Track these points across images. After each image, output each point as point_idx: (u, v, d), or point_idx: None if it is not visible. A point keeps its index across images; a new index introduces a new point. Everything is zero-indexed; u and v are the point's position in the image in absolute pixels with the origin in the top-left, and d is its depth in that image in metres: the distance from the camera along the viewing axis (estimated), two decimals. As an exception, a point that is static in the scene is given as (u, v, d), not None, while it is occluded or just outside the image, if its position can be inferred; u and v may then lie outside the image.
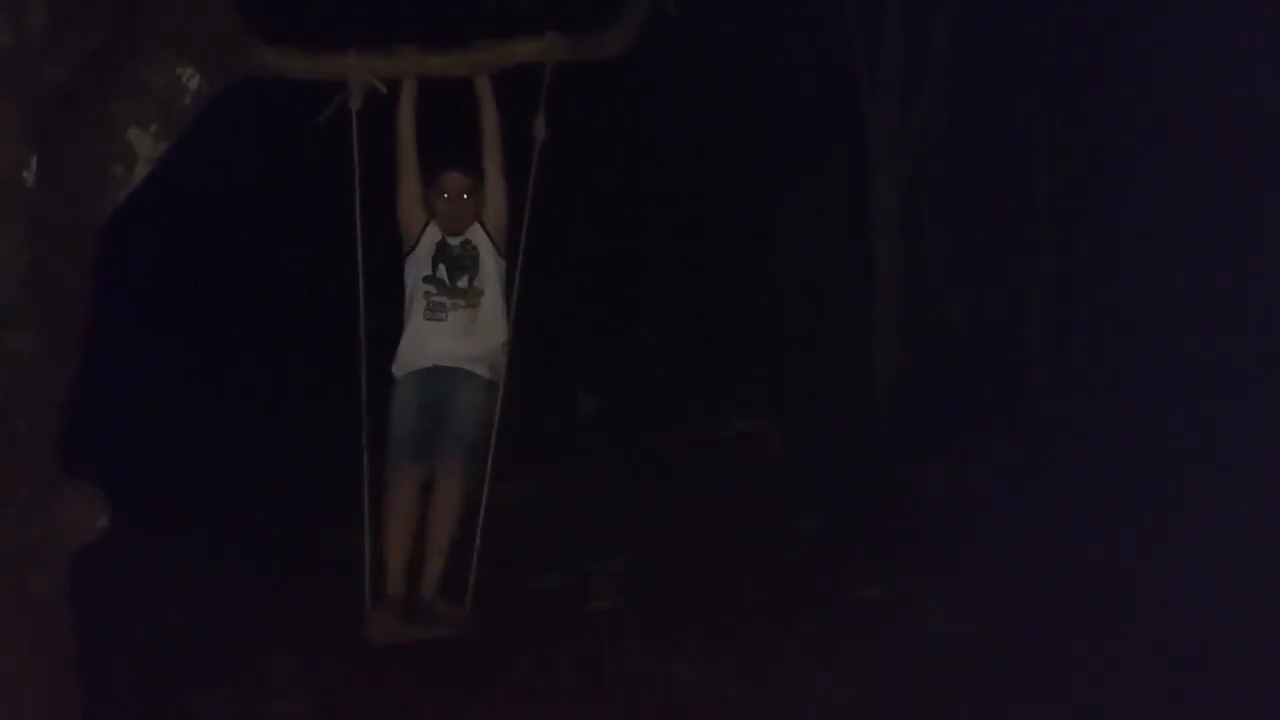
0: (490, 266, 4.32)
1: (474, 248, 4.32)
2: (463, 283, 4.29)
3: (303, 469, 6.62)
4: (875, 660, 4.18)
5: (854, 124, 8.18)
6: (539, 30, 3.80)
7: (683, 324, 9.44)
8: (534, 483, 6.84)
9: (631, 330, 9.41)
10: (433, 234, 4.34)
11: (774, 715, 3.79)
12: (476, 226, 4.35)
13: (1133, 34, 8.07)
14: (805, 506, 6.30)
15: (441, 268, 4.30)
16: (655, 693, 4.02)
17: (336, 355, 4.51)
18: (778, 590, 5.05)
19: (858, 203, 8.36)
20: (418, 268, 4.32)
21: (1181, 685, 3.91)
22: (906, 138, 7.99)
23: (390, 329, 4.37)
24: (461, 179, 4.30)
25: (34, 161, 2.79)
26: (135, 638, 4.52)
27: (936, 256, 8.67)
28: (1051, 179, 9.06)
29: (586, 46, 3.96)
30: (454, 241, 4.32)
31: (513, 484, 6.67)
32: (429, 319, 4.25)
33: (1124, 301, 8.44)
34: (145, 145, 3.25)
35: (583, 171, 8.26)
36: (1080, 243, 8.97)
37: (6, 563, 2.53)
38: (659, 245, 9.72)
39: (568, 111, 4.21)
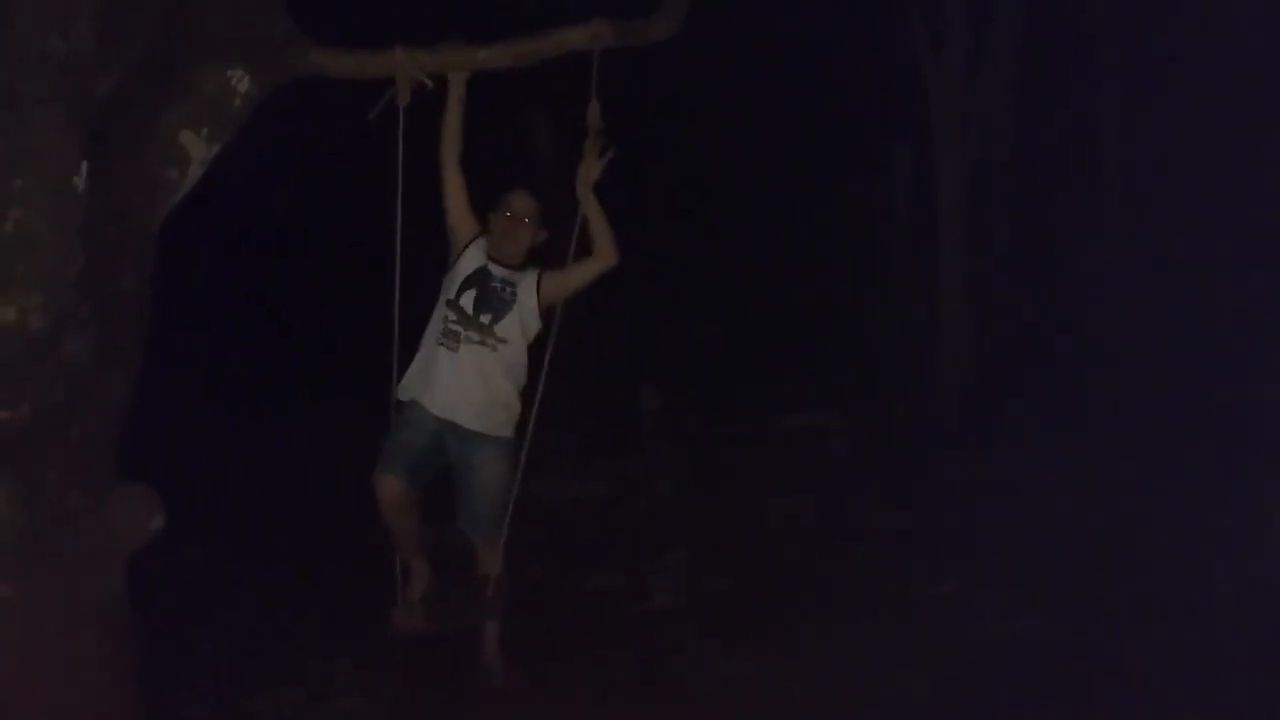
0: (519, 322, 3.97)
1: (514, 294, 3.97)
2: (485, 318, 3.92)
3: (360, 468, 6.65)
4: (944, 659, 4.07)
5: (917, 109, 8.00)
6: (584, 19, 3.73)
7: (744, 318, 9.35)
8: (595, 480, 6.82)
9: (693, 325, 9.34)
10: (476, 255, 4.01)
11: (832, 709, 3.70)
12: (531, 277, 4.01)
13: (1206, 10, 7.79)
14: (870, 500, 6.19)
15: (470, 295, 3.94)
16: (713, 693, 3.96)
17: (400, 348, 4.48)
18: (843, 587, 4.95)
19: (921, 190, 8.19)
20: (449, 286, 4.00)
21: (1257, 680, 3.75)
22: (971, 122, 7.80)
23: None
24: (528, 200, 4.04)
25: (85, 167, 2.81)
26: (198, 641, 4.57)
27: (1002, 244, 8.47)
28: (1121, 164, 8.80)
29: (634, 32, 3.88)
30: (498, 273, 3.98)
31: (574, 482, 6.68)
32: (441, 345, 3.91)
33: (1197, 289, 8.15)
34: (198, 147, 3.27)
35: (638, 165, 8.21)
36: (1153, 229, 8.69)
37: (62, 565, 2.55)
38: (719, 238, 9.63)
39: (619, 104, 4.12)
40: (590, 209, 3.94)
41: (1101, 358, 7.81)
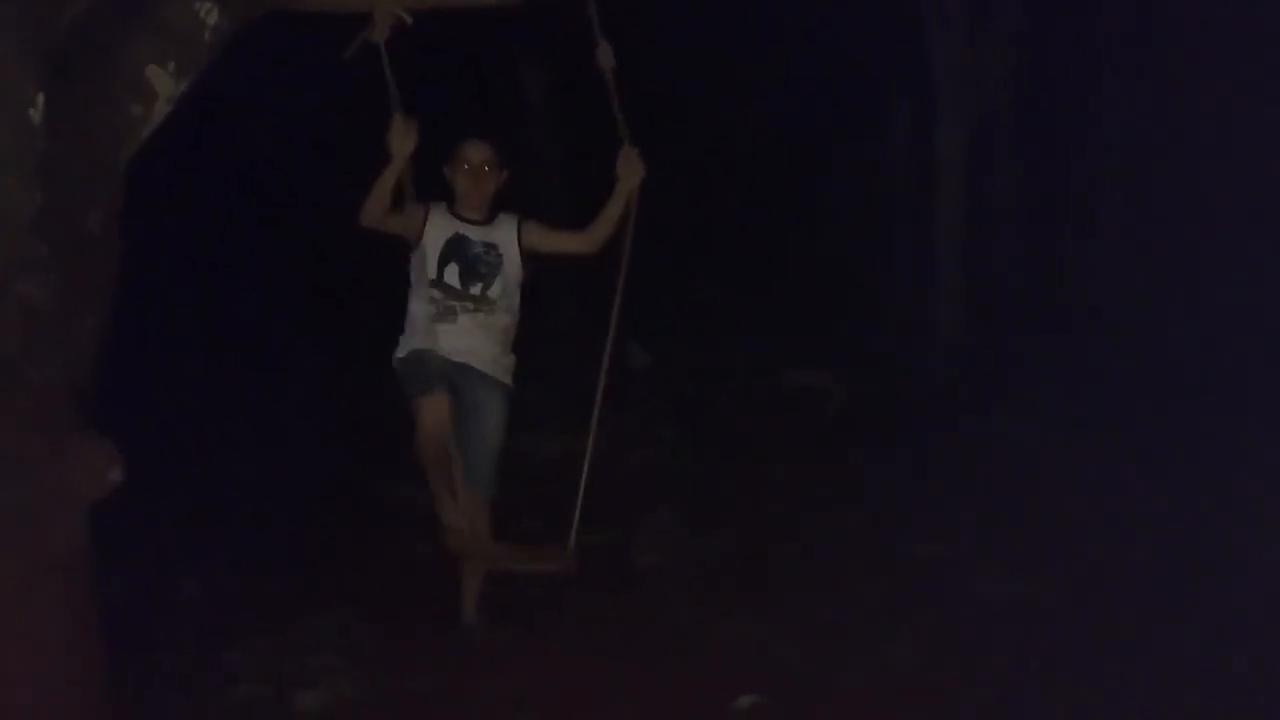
0: (509, 279, 3.85)
1: (499, 254, 3.82)
2: (475, 289, 3.79)
3: (346, 420, 6.56)
4: (936, 622, 3.99)
5: (918, 65, 7.82)
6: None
7: (738, 274, 9.21)
8: (583, 437, 6.71)
9: (686, 281, 9.20)
10: (442, 223, 3.79)
11: (828, 680, 3.61)
12: (510, 229, 3.86)
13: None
14: (864, 461, 6.09)
15: (452, 270, 3.78)
16: (703, 654, 3.88)
17: (380, 302, 4.36)
18: (835, 548, 4.87)
19: (921, 148, 8.02)
20: (423, 265, 3.77)
21: (1253, 651, 3.67)
22: (974, 79, 7.61)
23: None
24: (484, 147, 3.85)
25: (41, 99, 2.66)
26: (176, 596, 4.49)
27: (1002, 203, 8.32)
28: (1124, 120, 8.62)
29: None
30: (475, 237, 3.81)
31: (562, 438, 6.56)
32: (438, 322, 3.75)
33: (1202, 249, 8.02)
34: (164, 83, 3.11)
35: (633, 120, 8.03)
36: (1157, 188, 8.54)
37: (19, 516, 2.44)
38: (713, 193, 9.47)
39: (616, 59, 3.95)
40: (620, 201, 3.81)
41: (1101, 319, 7.70)
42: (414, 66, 3.71)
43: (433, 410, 3.72)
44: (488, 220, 3.89)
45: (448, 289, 3.76)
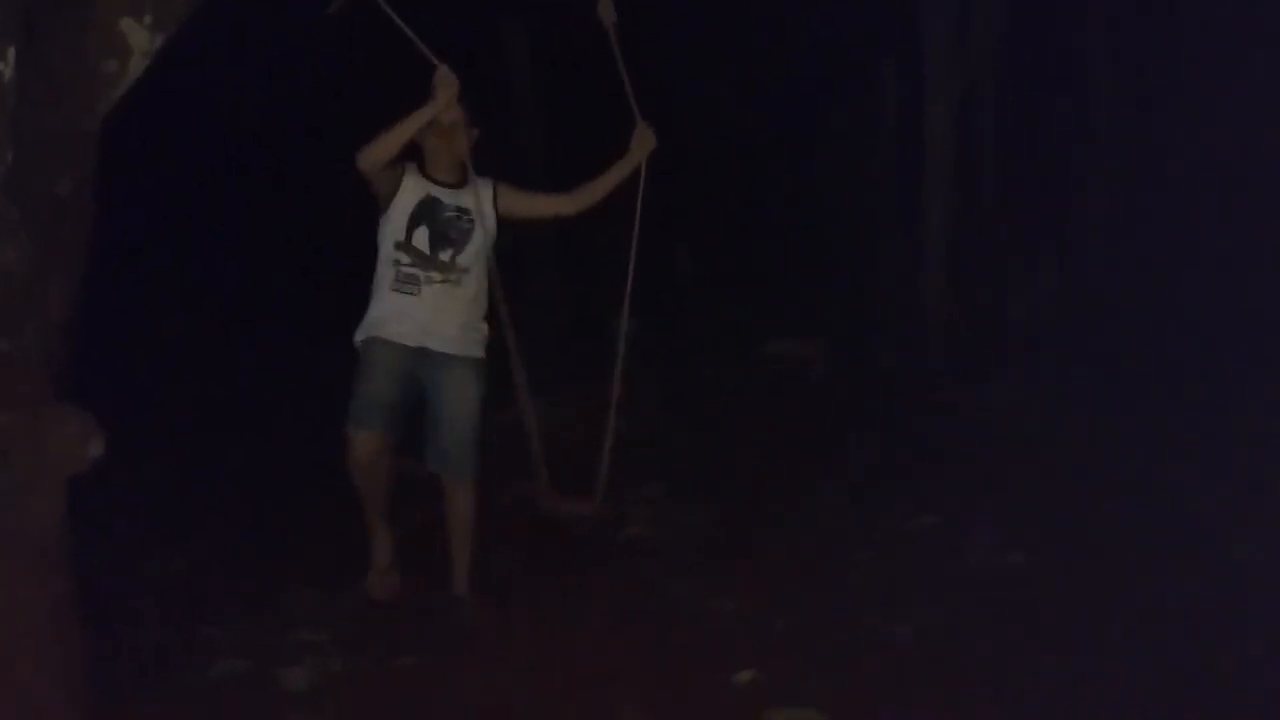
0: (482, 247, 3.72)
1: (472, 219, 3.69)
2: (445, 255, 3.66)
3: (328, 390, 6.43)
4: (930, 594, 3.94)
5: (906, 38, 7.71)
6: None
7: (721, 243, 9.11)
8: (566, 407, 6.63)
9: (667, 249, 9.10)
10: (414, 186, 3.66)
11: (819, 651, 3.56)
12: (486, 193, 3.74)
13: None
14: (850, 430, 6.04)
15: (422, 233, 3.63)
16: (694, 627, 3.82)
17: (365, 273, 4.24)
18: (823, 518, 4.82)
19: (908, 119, 7.93)
20: (391, 229, 3.66)
21: (1251, 620, 3.65)
22: (962, 52, 7.51)
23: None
24: (455, 106, 3.65)
25: (11, 53, 2.53)
26: (154, 571, 4.38)
27: (989, 173, 8.25)
28: (1111, 98, 8.57)
29: None
30: (449, 201, 3.68)
31: (547, 410, 6.46)
32: (398, 291, 3.64)
33: (1187, 223, 8.01)
34: (140, 37, 2.99)
35: (616, 85, 7.90)
36: (1143, 165, 8.51)
37: (-7, 492, 2.34)
38: (696, 161, 9.34)
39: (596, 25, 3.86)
40: (621, 171, 3.79)
41: (1091, 290, 7.67)
42: (391, 25, 3.59)
43: (359, 447, 3.67)
44: (460, 183, 3.74)
45: (416, 254, 3.62)
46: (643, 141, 3.75)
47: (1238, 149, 7.70)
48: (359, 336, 3.75)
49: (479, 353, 3.83)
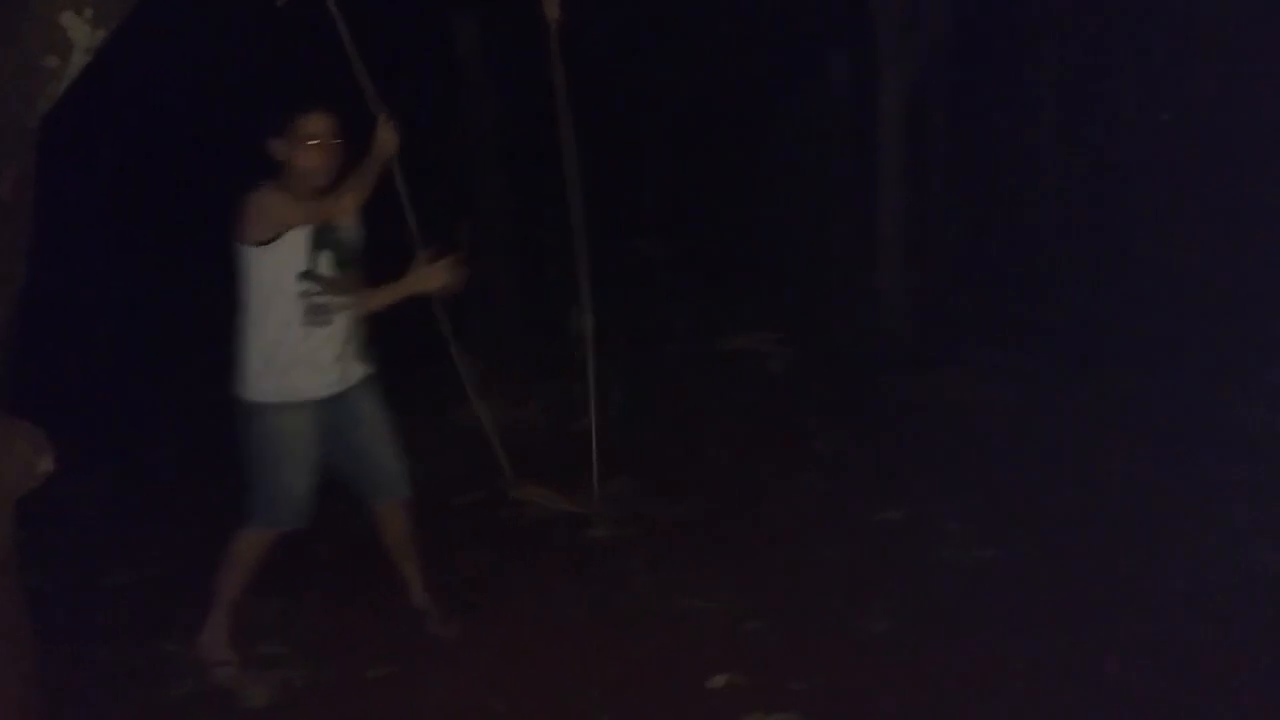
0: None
1: (350, 228, 3.46)
2: (348, 274, 3.43)
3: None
4: (903, 589, 3.91)
5: (858, 22, 7.70)
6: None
7: (677, 236, 9.06)
8: (527, 406, 6.54)
9: (624, 244, 9.02)
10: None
11: (794, 651, 3.51)
12: (347, 198, 3.42)
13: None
14: (812, 424, 6.00)
15: (327, 257, 3.35)
16: (667, 627, 3.76)
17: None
18: (790, 514, 4.77)
19: (861, 107, 7.92)
20: (287, 261, 3.29)
21: (1217, 606, 3.67)
22: (913, 36, 7.51)
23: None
24: (331, 119, 3.35)
25: (-53, 48, 2.39)
26: (112, 586, 4.24)
27: (940, 162, 8.27)
28: (1057, 80, 8.62)
29: None
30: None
31: (507, 408, 6.37)
32: (310, 325, 3.33)
33: (1136, 205, 8.08)
34: (81, 31, 2.85)
35: (573, 78, 7.80)
36: (1090, 146, 8.57)
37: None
38: (652, 154, 9.30)
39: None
40: (369, 174, 3.41)
41: (1054, 274, 7.71)
42: (343, 16, 3.47)
43: (258, 545, 3.48)
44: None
45: (324, 280, 3.35)
46: (384, 141, 3.44)
47: (1189, 130, 7.78)
48: (264, 396, 3.34)
49: (370, 362, 3.62)
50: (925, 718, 3.15)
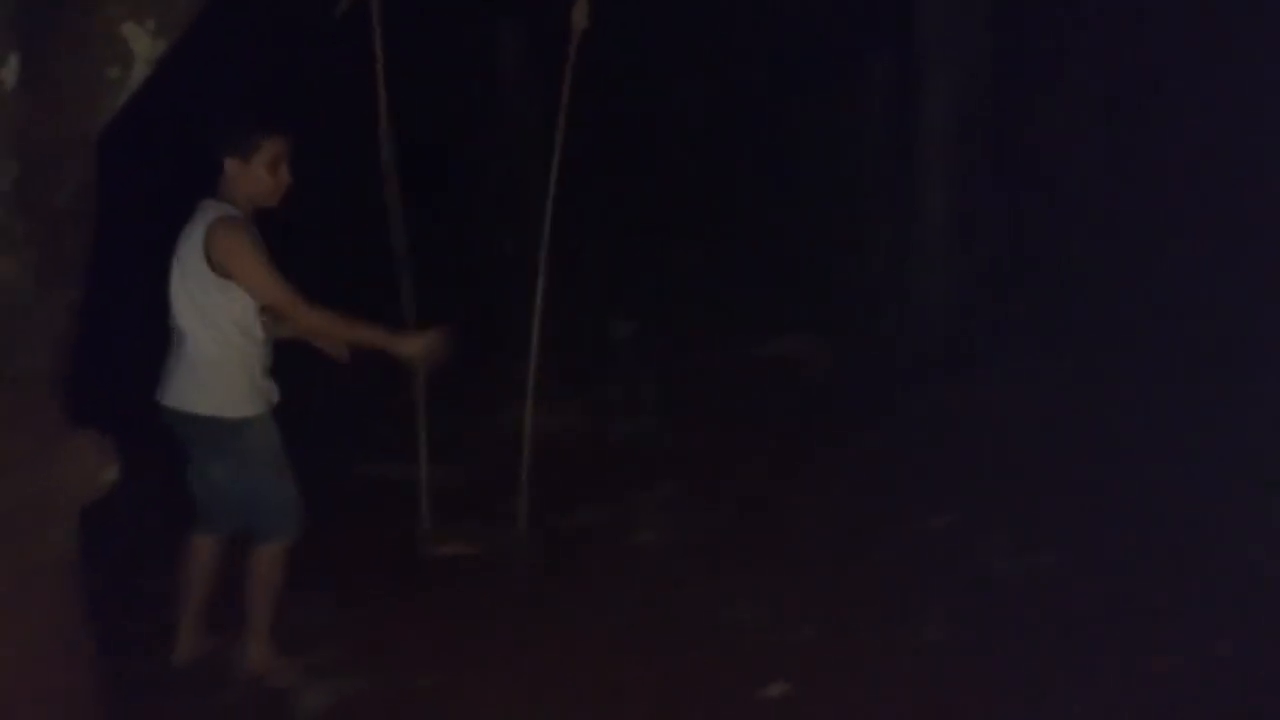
0: None
1: None
2: None
3: (331, 402, 6.30)
4: (957, 599, 3.87)
5: (901, 21, 7.63)
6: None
7: (715, 242, 9.02)
8: (567, 413, 6.53)
9: (664, 251, 9.01)
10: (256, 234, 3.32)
11: (848, 660, 3.48)
12: None
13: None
14: (853, 430, 5.96)
15: None
16: (714, 636, 3.74)
17: (359, 272, 4.13)
18: (835, 521, 4.74)
19: (903, 104, 7.84)
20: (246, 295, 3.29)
21: (1273, 610, 3.61)
22: (958, 35, 7.42)
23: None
24: (290, 141, 3.35)
25: (14, 60, 2.41)
26: (157, 590, 4.25)
27: (983, 164, 8.17)
28: (1104, 80, 8.51)
29: None
30: None
31: (547, 415, 6.36)
32: (266, 342, 3.36)
33: (1185, 209, 7.97)
34: (143, 43, 2.86)
35: (609, 83, 7.81)
36: (1136, 148, 8.45)
37: (5, 522, 2.21)
38: (689, 159, 9.25)
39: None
40: (345, 331, 3.42)
41: (1091, 277, 7.61)
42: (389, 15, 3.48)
43: (285, 558, 3.50)
44: None
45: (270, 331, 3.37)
46: (416, 347, 3.44)
47: (1235, 132, 7.66)
48: (250, 409, 3.35)
49: None
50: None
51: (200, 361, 3.30)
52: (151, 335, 3.57)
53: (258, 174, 3.29)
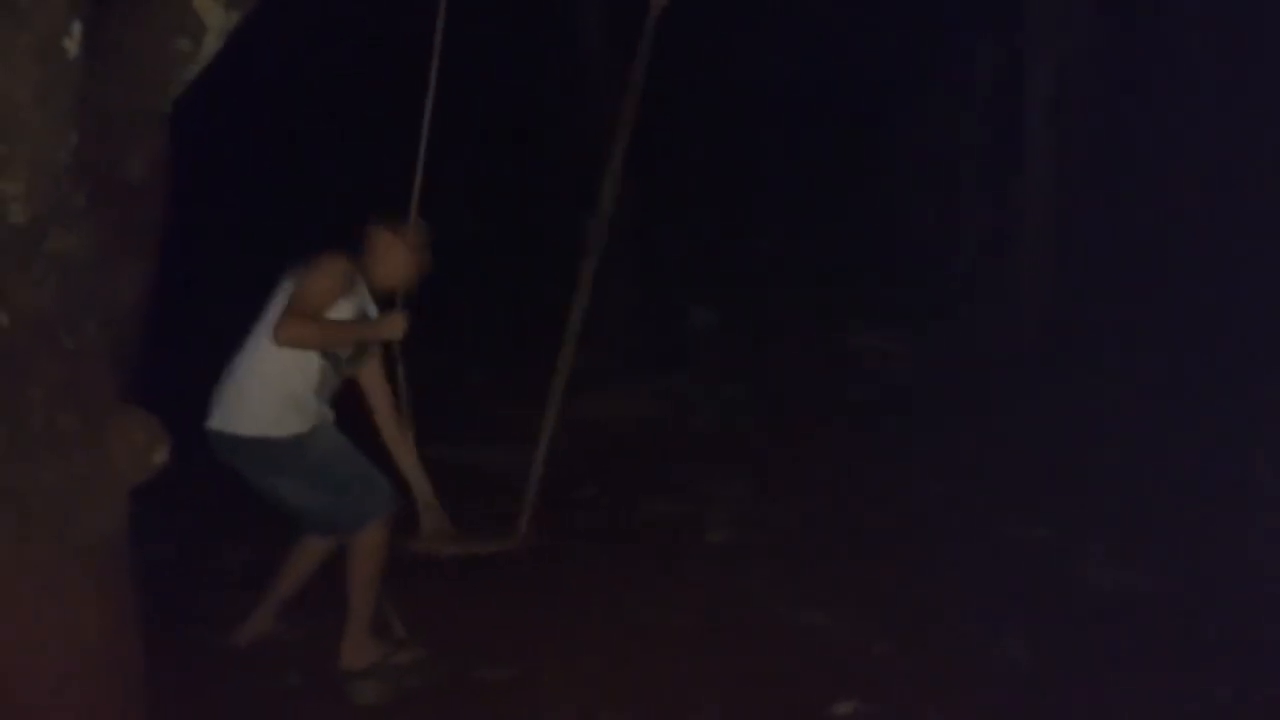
0: None
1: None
2: (348, 369, 3.45)
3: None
4: (1041, 616, 3.65)
5: (1008, 11, 7.31)
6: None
7: (801, 230, 8.80)
8: (643, 402, 6.40)
9: (747, 239, 8.82)
10: (360, 298, 3.39)
11: (927, 679, 3.29)
12: None
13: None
14: (941, 428, 5.73)
15: (349, 349, 3.40)
16: (785, 644, 3.58)
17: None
18: (919, 525, 4.53)
19: (1006, 91, 7.52)
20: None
21: None
22: (1065, 13, 7.08)
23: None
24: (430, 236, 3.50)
25: (78, 28, 2.35)
26: (227, 567, 4.26)
27: (1085, 155, 7.82)
28: (1213, 74, 8.06)
29: None
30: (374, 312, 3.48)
31: (621, 404, 6.26)
32: (317, 395, 3.39)
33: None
34: (215, 15, 2.81)
35: (693, 69, 7.63)
36: (1245, 144, 7.99)
37: (52, 500, 2.16)
38: (778, 141, 9.03)
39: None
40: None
41: (1193, 275, 7.18)
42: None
43: (385, 542, 3.46)
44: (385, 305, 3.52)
45: (335, 362, 3.39)
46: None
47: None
48: (295, 428, 3.35)
49: None
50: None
51: (252, 383, 3.32)
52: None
53: (396, 254, 3.40)
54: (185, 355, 3.83)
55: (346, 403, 3.55)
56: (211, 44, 2.89)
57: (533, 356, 6.80)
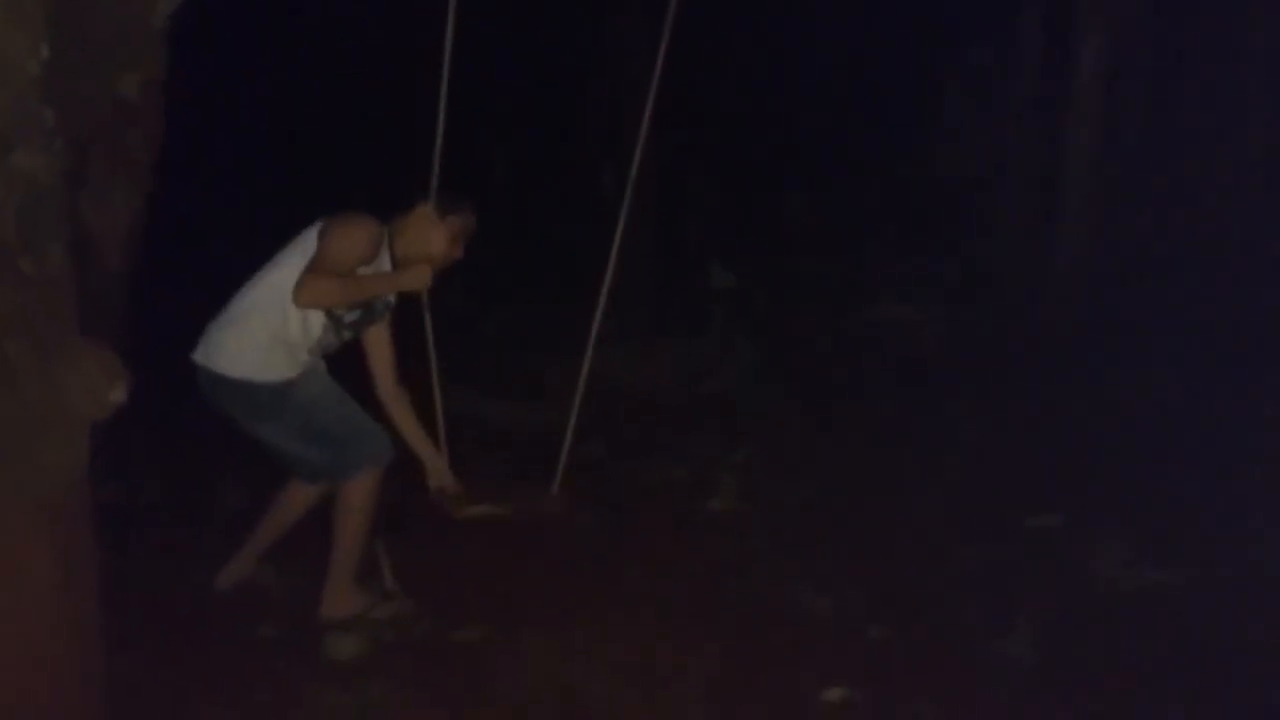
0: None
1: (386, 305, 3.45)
2: (346, 335, 3.36)
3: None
4: (1048, 609, 3.48)
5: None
6: None
7: (829, 193, 8.55)
8: (656, 362, 6.25)
9: (772, 198, 8.59)
10: (381, 263, 3.30)
11: (922, 669, 3.15)
12: None
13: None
14: (964, 409, 5.52)
15: (355, 312, 3.32)
16: (778, 621, 3.44)
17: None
18: (929, 509, 4.36)
19: (1052, 68, 7.23)
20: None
21: None
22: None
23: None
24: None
25: (51, -70, 2.19)
26: (227, 507, 4.17)
27: (1136, 132, 7.52)
28: (1267, 50, 7.70)
29: None
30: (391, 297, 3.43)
31: (637, 364, 6.11)
32: (311, 354, 3.30)
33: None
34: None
35: (721, 26, 7.38)
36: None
37: (4, 439, 2.04)
38: (809, 101, 8.76)
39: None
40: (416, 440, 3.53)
41: (1246, 257, 6.88)
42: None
43: (377, 489, 3.39)
44: None
45: (338, 324, 3.29)
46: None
47: None
48: (280, 375, 3.25)
49: None
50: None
51: (247, 324, 3.20)
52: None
53: (442, 238, 3.33)
54: (190, 297, 3.70)
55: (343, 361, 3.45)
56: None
57: (547, 308, 6.67)
